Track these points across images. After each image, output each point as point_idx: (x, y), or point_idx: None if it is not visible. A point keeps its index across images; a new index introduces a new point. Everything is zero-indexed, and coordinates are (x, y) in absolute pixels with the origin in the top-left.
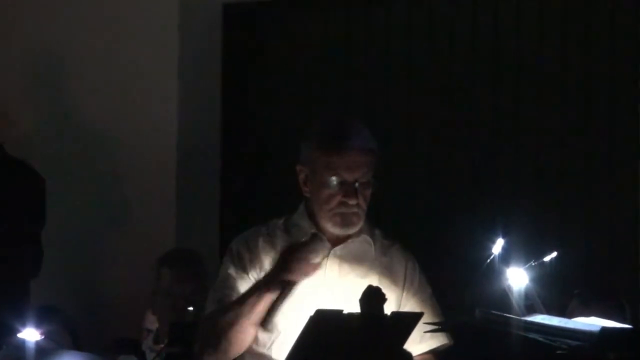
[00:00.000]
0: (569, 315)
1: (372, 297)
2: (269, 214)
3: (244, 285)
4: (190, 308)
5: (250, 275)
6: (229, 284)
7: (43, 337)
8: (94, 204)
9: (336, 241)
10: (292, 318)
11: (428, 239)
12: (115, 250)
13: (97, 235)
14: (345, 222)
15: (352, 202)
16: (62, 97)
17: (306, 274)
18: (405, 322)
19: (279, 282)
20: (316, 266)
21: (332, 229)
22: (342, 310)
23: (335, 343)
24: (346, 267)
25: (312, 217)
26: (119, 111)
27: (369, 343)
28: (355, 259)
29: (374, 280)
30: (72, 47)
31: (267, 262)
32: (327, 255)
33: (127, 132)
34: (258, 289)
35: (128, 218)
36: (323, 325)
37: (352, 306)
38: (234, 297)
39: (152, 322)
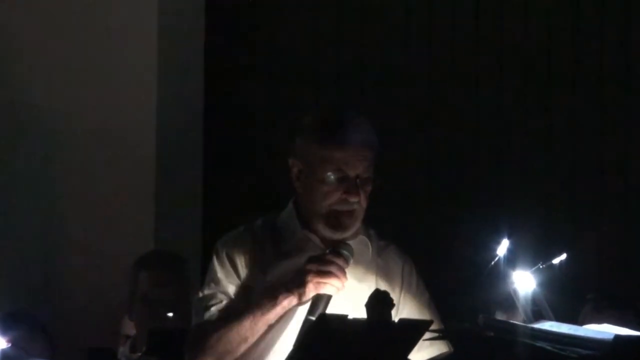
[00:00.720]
0: (580, 322)
1: (380, 302)
2: (256, 211)
3: (237, 290)
4: (171, 314)
5: (242, 280)
6: (221, 289)
7: (10, 344)
8: (63, 200)
9: (331, 242)
10: (284, 326)
11: (427, 239)
12: (89, 251)
13: (68, 235)
14: (338, 225)
15: (354, 199)
16: (20, 79)
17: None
18: (413, 330)
19: (300, 297)
20: (340, 280)
21: (324, 232)
22: (347, 315)
23: (338, 350)
24: None
25: (302, 217)
26: (90, 98)
27: (374, 350)
28: (352, 262)
29: (370, 284)
30: (30, 23)
31: (257, 266)
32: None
33: (99, 119)
34: (271, 299)
35: (102, 215)
36: (326, 330)
37: (349, 312)
38: (227, 303)
39: (129, 328)
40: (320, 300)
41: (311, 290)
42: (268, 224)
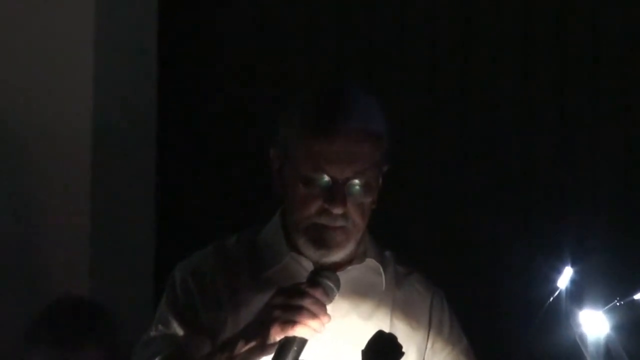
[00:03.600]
0: None
1: (383, 348)
2: (228, 224)
3: (194, 335)
4: None
5: (203, 321)
6: (171, 333)
7: None
8: None
9: (329, 267)
10: None
11: (462, 265)
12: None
13: None
14: (322, 241)
15: (337, 210)
16: None
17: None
18: None
19: (263, 343)
20: (319, 320)
21: (305, 250)
22: None
23: None
24: (345, 305)
25: (290, 234)
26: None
27: None
28: (358, 294)
29: (383, 324)
30: None
31: (228, 300)
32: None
33: (21, 102)
34: (229, 346)
35: (27, 224)
36: None
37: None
38: (176, 352)
39: None
40: (289, 345)
41: (277, 333)
42: (245, 242)
